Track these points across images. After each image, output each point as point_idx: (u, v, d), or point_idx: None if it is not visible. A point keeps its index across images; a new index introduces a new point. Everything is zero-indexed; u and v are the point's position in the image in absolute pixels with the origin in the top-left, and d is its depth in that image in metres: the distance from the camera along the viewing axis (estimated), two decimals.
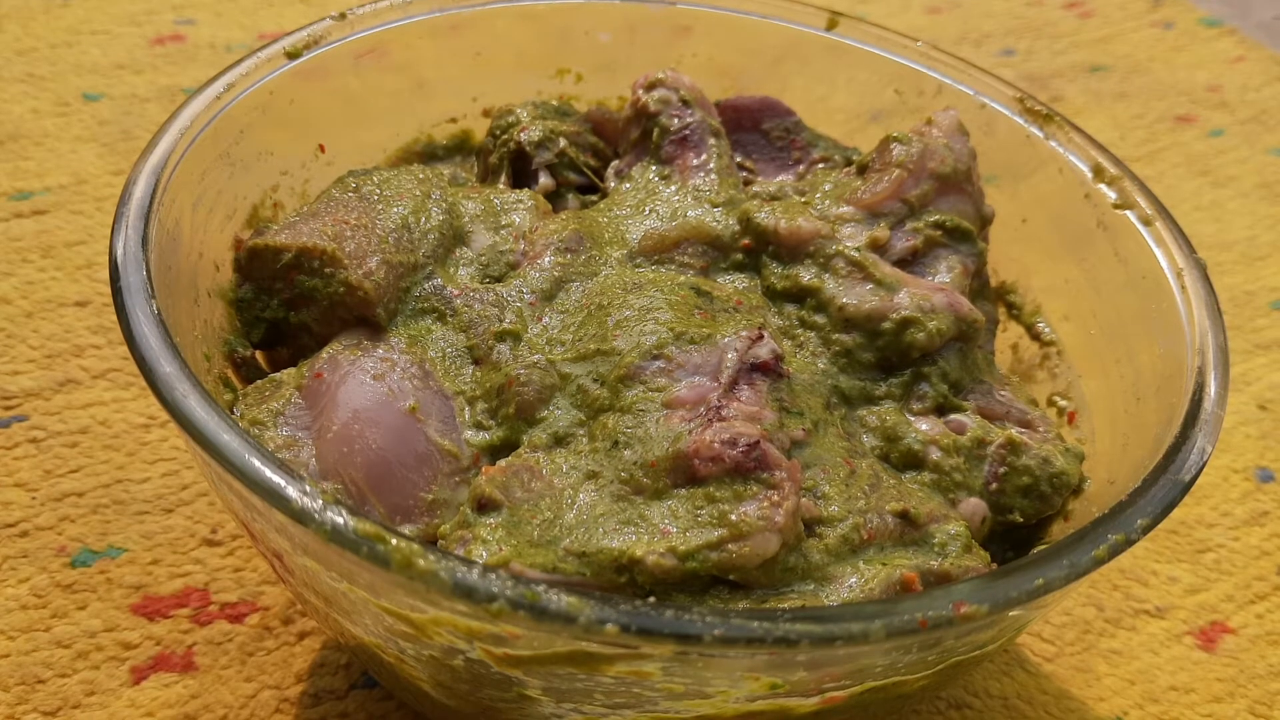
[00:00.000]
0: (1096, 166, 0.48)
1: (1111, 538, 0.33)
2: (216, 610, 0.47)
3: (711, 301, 0.41)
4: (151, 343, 0.33)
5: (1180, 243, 0.44)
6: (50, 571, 0.47)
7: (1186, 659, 0.50)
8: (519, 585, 0.28)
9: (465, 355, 0.41)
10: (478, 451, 0.38)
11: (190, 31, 0.82)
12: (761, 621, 0.28)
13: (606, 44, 0.56)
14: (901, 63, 0.54)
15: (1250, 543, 0.55)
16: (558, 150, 0.50)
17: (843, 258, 0.43)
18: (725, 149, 0.49)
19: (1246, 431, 0.61)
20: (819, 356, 0.42)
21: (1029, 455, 0.41)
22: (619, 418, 0.37)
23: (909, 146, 0.46)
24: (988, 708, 0.47)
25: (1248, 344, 0.66)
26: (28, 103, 0.72)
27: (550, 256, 0.43)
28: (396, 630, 0.32)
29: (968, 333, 0.43)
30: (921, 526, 0.38)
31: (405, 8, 0.51)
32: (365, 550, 0.29)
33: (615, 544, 0.34)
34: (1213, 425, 0.37)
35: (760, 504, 0.35)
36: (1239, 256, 0.73)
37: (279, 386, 0.40)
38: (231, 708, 0.44)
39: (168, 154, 0.40)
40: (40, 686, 0.44)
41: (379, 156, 0.53)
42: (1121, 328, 0.46)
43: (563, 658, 0.30)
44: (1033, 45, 0.92)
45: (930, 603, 0.30)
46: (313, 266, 0.41)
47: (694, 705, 0.32)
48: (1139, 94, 0.87)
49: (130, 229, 0.37)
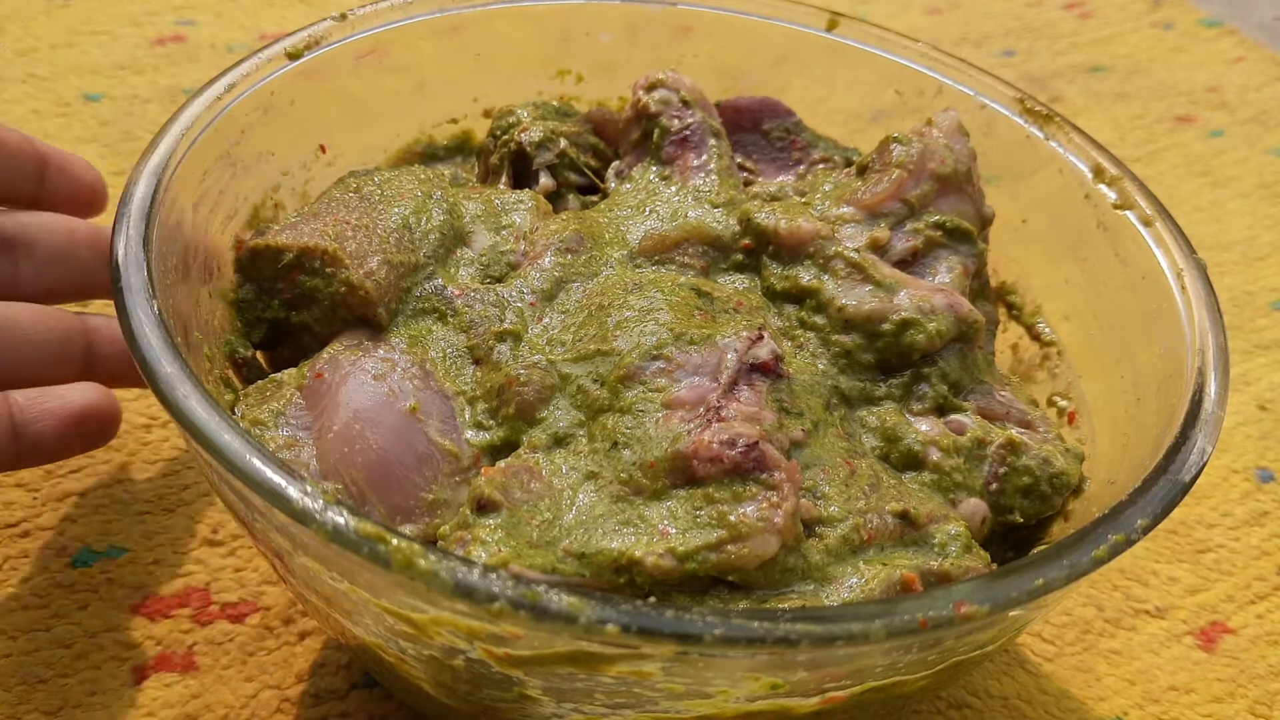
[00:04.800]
0: (1096, 167, 0.48)
1: (1111, 538, 0.33)
2: (217, 610, 0.47)
3: (712, 302, 0.41)
4: (152, 343, 0.33)
5: (1180, 243, 0.44)
6: (51, 571, 0.47)
7: (1186, 659, 0.50)
8: (520, 585, 0.28)
9: (466, 355, 0.41)
10: (478, 451, 0.38)
11: (191, 32, 0.82)
12: (762, 622, 0.28)
13: (607, 44, 0.56)
14: (902, 63, 0.54)
15: (1250, 543, 0.55)
16: (558, 151, 0.50)
17: (842, 259, 0.43)
18: (726, 149, 0.49)
19: (1246, 431, 0.61)
20: (819, 357, 0.42)
21: (1029, 456, 0.41)
22: (618, 418, 0.37)
23: (909, 147, 0.46)
24: (988, 708, 0.47)
25: (1248, 344, 0.66)
26: (29, 103, 0.72)
27: (551, 257, 0.43)
28: (397, 630, 0.32)
29: (968, 333, 0.43)
30: (921, 527, 0.38)
31: (406, 8, 0.51)
32: (366, 550, 0.29)
33: (614, 545, 0.34)
34: (1213, 425, 0.37)
35: (759, 505, 0.35)
36: (1239, 257, 0.73)
37: (280, 387, 0.40)
38: (232, 708, 0.44)
39: (169, 154, 0.40)
40: (41, 686, 0.44)
41: (380, 157, 0.53)
42: (1122, 328, 0.46)
43: (563, 658, 0.30)
44: (1033, 46, 0.92)
45: (930, 603, 0.30)
46: (314, 266, 0.41)
47: (694, 705, 0.32)
48: (1139, 94, 0.87)
49: (131, 229, 0.37)
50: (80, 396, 0.44)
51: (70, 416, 0.44)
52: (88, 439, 0.45)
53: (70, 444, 0.44)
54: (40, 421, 0.43)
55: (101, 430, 0.45)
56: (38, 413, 0.43)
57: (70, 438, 0.44)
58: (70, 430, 0.44)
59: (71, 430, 0.44)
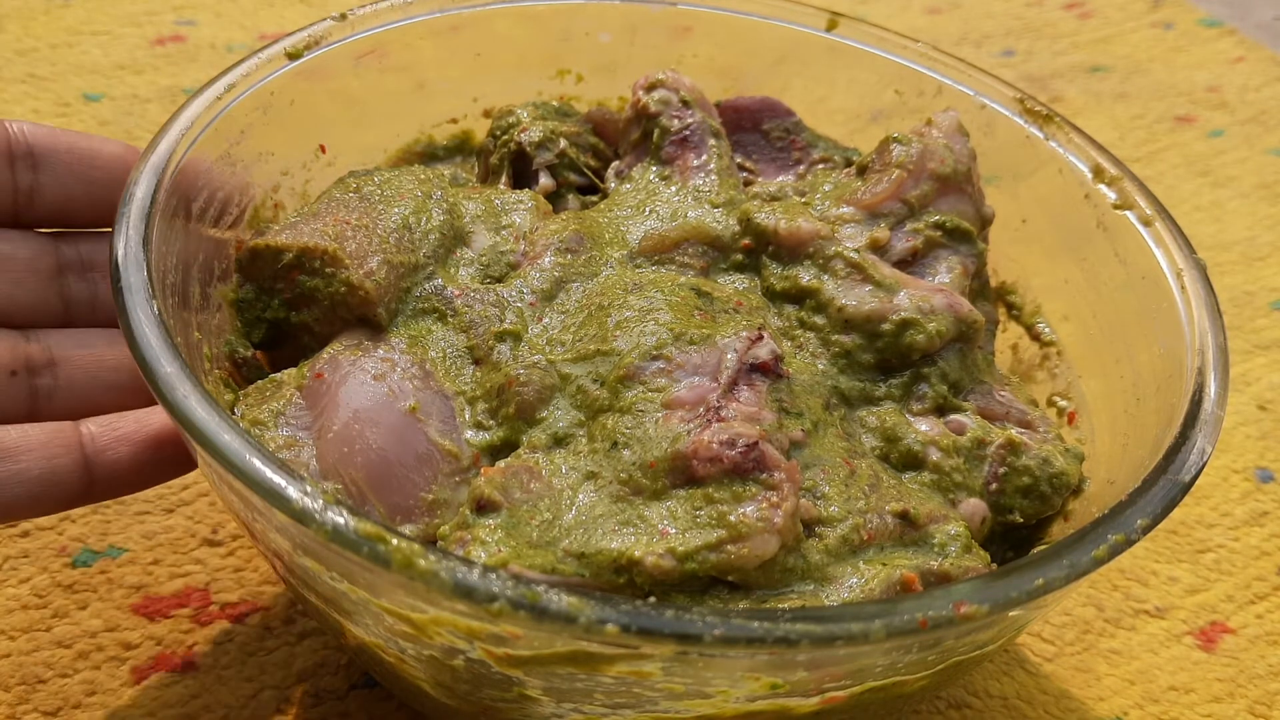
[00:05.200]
0: (1096, 167, 0.48)
1: (1111, 538, 0.33)
2: (217, 610, 0.47)
3: (711, 302, 0.41)
4: (152, 343, 0.33)
5: (1180, 243, 0.44)
6: (51, 571, 0.47)
7: (1186, 659, 0.50)
8: (520, 585, 0.28)
9: (465, 355, 0.41)
10: (478, 452, 0.38)
11: (191, 32, 0.82)
12: (762, 621, 0.28)
13: (607, 44, 0.56)
14: (902, 63, 0.54)
15: (1250, 543, 0.55)
16: (558, 151, 0.50)
17: (842, 259, 0.43)
18: (725, 150, 0.49)
19: (1246, 432, 0.61)
20: (819, 357, 0.42)
21: (1029, 455, 0.41)
22: (618, 418, 0.37)
23: (909, 147, 0.46)
24: (988, 708, 0.47)
25: (1248, 344, 0.66)
26: (28, 103, 0.72)
27: (551, 257, 0.43)
28: (397, 630, 0.32)
29: (967, 334, 0.43)
30: (921, 527, 0.38)
31: (406, 8, 0.51)
32: (366, 550, 0.29)
33: (614, 545, 0.34)
34: (1213, 426, 0.37)
35: (759, 505, 0.35)
36: (1239, 257, 0.73)
37: (280, 387, 0.40)
38: (232, 708, 0.44)
39: (169, 154, 0.40)
40: (41, 686, 0.44)
41: (379, 157, 0.53)
42: (1121, 328, 0.46)
43: (563, 658, 0.30)
44: (1033, 46, 0.92)
45: (930, 603, 0.30)
46: (314, 266, 0.41)
47: (694, 705, 0.32)
48: (1139, 94, 0.87)
49: (131, 229, 0.37)
50: (161, 419, 0.40)
51: (147, 442, 0.40)
52: (167, 466, 0.41)
53: (148, 472, 0.40)
54: (114, 449, 0.39)
55: (182, 455, 0.41)
56: (111, 439, 0.39)
57: (147, 465, 0.40)
58: (147, 456, 0.40)
59: (149, 456, 0.40)
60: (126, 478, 0.40)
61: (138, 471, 0.40)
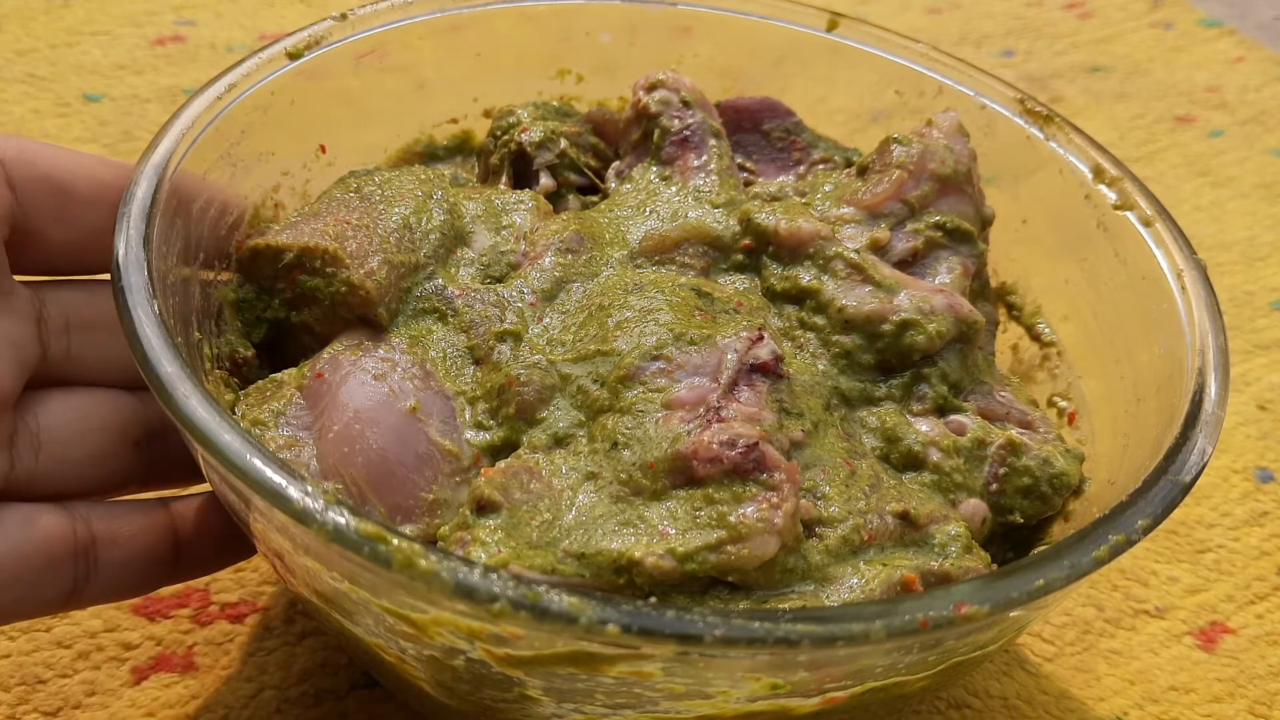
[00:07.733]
0: (1096, 167, 0.48)
1: (1112, 538, 0.33)
2: (217, 610, 0.47)
3: (712, 302, 0.41)
4: (152, 343, 0.33)
5: (1180, 243, 0.44)
6: None
7: (1186, 659, 0.50)
8: (520, 586, 0.28)
9: (466, 355, 0.41)
10: (478, 452, 0.38)
11: (191, 32, 0.82)
12: (762, 622, 0.28)
13: (607, 45, 0.56)
14: (902, 64, 0.54)
15: (1250, 543, 0.55)
16: (558, 151, 0.50)
17: (842, 259, 0.43)
18: (726, 150, 0.49)
19: (1246, 432, 0.61)
20: (819, 358, 0.42)
21: (1029, 456, 0.41)
22: (618, 419, 0.37)
23: (909, 148, 0.46)
24: (988, 708, 0.47)
25: (1248, 344, 0.66)
26: (28, 103, 0.72)
27: (551, 257, 0.43)
28: (397, 630, 0.32)
29: (968, 334, 0.43)
30: (922, 527, 0.38)
31: (406, 8, 0.51)
32: (367, 550, 0.29)
33: (614, 545, 0.34)
34: (1213, 426, 0.37)
35: (759, 505, 0.35)
36: (1239, 257, 0.73)
37: (280, 387, 0.40)
38: (232, 708, 0.44)
39: (169, 154, 0.40)
40: (41, 687, 0.44)
41: (380, 157, 0.53)
42: (1121, 328, 0.46)
43: (564, 658, 0.30)
44: (1032, 46, 0.92)
45: (931, 603, 0.30)
46: (314, 266, 0.41)
47: (695, 705, 0.32)
48: (1139, 94, 0.87)
49: (132, 229, 0.37)
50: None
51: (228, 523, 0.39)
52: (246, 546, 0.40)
53: (237, 549, 0.41)
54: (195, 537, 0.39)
55: None
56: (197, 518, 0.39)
57: (236, 540, 0.40)
58: (236, 531, 0.39)
59: (237, 531, 0.39)
60: (212, 555, 0.40)
61: (229, 550, 0.41)
